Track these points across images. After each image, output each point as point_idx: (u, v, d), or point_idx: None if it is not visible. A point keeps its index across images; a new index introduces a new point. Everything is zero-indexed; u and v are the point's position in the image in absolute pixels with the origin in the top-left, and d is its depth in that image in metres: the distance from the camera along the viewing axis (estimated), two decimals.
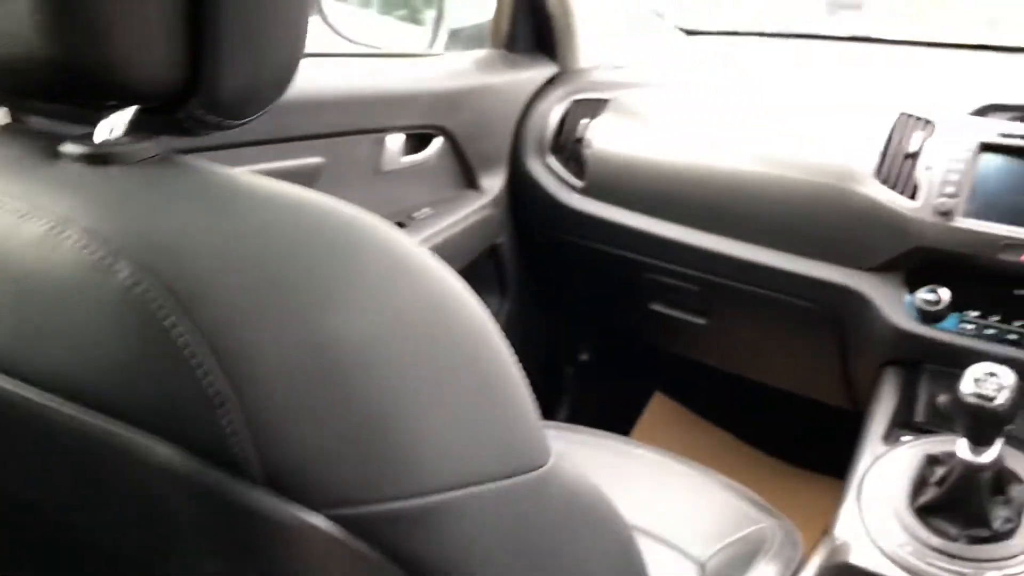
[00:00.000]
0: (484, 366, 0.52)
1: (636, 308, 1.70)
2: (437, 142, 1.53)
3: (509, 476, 0.51)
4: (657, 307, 1.65)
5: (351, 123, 1.35)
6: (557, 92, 1.69)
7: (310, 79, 1.26)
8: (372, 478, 0.45)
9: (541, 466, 0.55)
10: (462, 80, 1.58)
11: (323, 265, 0.46)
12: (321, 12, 1.59)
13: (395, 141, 1.45)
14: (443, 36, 1.73)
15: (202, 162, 0.52)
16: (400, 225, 1.48)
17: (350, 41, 1.62)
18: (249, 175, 0.51)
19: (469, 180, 1.63)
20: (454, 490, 0.47)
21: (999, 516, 1.08)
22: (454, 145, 1.57)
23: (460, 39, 1.78)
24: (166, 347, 0.41)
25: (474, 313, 0.53)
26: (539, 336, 1.93)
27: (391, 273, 0.49)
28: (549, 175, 1.65)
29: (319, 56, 1.36)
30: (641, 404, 2.16)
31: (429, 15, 1.83)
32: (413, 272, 0.50)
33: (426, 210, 1.53)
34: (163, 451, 0.42)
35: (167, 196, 0.48)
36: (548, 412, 1.98)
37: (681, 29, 1.93)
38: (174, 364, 0.41)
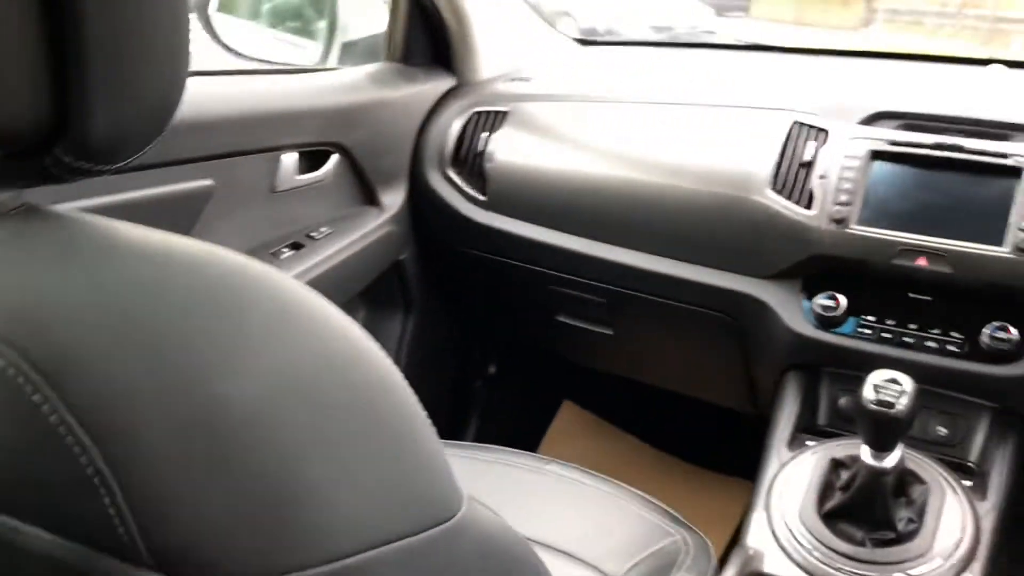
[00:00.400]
0: (387, 418, 0.50)
1: (543, 320, 1.69)
2: (334, 159, 1.49)
3: (420, 531, 0.49)
4: (564, 318, 1.65)
5: (242, 143, 1.30)
6: (456, 105, 1.67)
7: (197, 98, 1.20)
8: (272, 550, 0.42)
9: (453, 515, 0.52)
10: (358, 95, 1.54)
11: (207, 325, 0.43)
12: (209, 27, 1.53)
13: (290, 159, 1.40)
14: (336, 49, 1.69)
15: (71, 212, 0.48)
16: (298, 245, 1.44)
17: (239, 56, 1.56)
18: (125, 225, 0.47)
19: (369, 196, 1.60)
20: (362, 553, 0.44)
21: (903, 517, 1.11)
22: (352, 161, 1.53)
23: (354, 52, 1.75)
24: (39, 429, 0.38)
25: (375, 363, 0.50)
26: (447, 351, 1.91)
27: (283, 328, 0.46)
28: (451, 189, 1.63)
29: (206, 74, 1.31)
30: (551, 414, 2.16)
31: (321, 27, 1.79)
32: (308, 325, 0.47)
33: (325, 229, 1.49)
34: (47, 540, 0.39)
35: (30, 255, 0.44)
36: (458, 427, 1.96)
37: (575, 39, 1.93)
38: (49, 447, 0.38)
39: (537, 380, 2.15)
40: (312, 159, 1.46)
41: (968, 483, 1.19)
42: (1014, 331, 1.22)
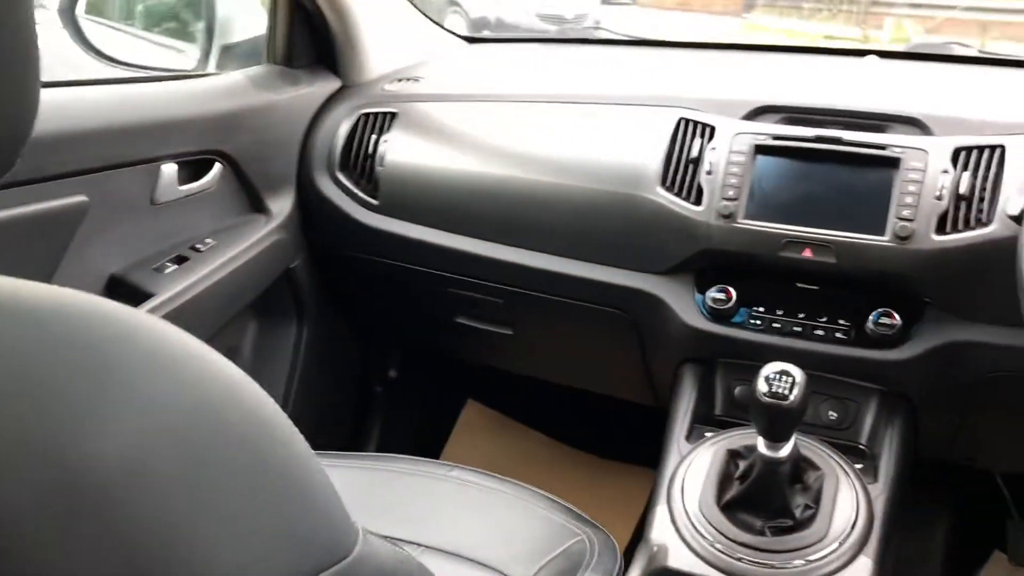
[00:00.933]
0: (270, 460, 0.48)
1: (442, 322, 1.68)
2: (217, 167, 1.44)
3: (314, 574, 0.47)
4: (463, 320, 1.64)
5: (118, 155, 1.24)
6: (343, 107, 1.64)
7: (65, 109, 1.14)
8: None
9: (348, 553, 0.50)
10: (239, 100, 1.49)
11: (64, 385, 0.40)
12: (76, 31, 1.46)
13: (170, 170, 1.35)
14: (216, 52, 1.63)
15: None
16: (182, 259, 1.39)
17: (111, 62, 1.50)
18: None
19: (256, 204, 1.55)
20: None
21: (799, 504, 1.14)
22: (236, 169, 1.48)
23: (235, 55, 1.69)
24: None
25: (254, 402, 0.48)
26: (345, 358, 1.87)
27: (150, 377, 0.43)
28: (341, 193, 1.60)
29: (74, 84, 1.24)
30: (455, 414, 2.15)
31: (199, 29, 1.72)
32: (177, 370, 0.45)
33: (210, 240, 1.44)
34: None
35: None
36: (361, 435, 1.93)
37: (463, 37, 1.92)
38: None
39: (440, 381, 2.13)
40: (194, 168, 1.41)
41: (859, 466, 1.23)
42: (897, 317, 1.26)
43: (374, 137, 1.58)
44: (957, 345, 1.25)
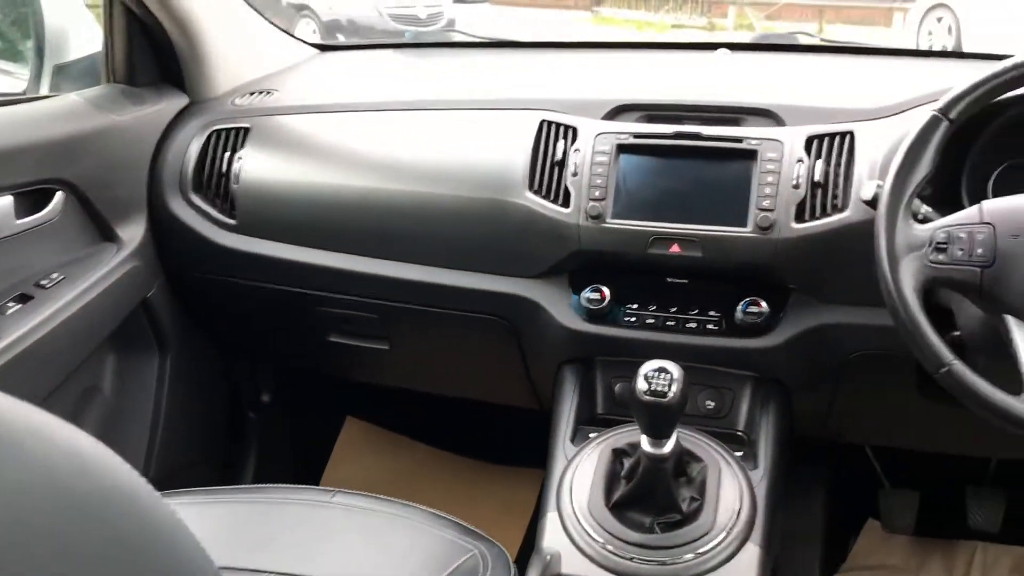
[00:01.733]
0: (131, 538, 0.43)
1: (314, 341, 1.62)
2: (59, 197, 1.35)
3: None
4: (336, 338, 1.59)
5: None
6: (192, 124, 1.56)
7: None
8: None
9: None
10: (78, 123, 1.40)
11: None
12: None
13: (5, 202, 1.25)
14: (48, 73, 1.52)
15: None
16: (26, 297, 1.29)
17: None
18: None
19: (104, 233, 1.46)
20: None
21: (685, 497, 1.15)
22: (80, 197, 1.39)
23: (70, 76, 1.58)
24: None
25: (110, 474, 0.44)
26: (213, 386, 1.79)
27: None
28: (196, 215, 1.52)
29: None
30: (335, 432, 2.09)
31: (28, 48, 1.61)
32: (17, 450, 0.40)
33: (56, 275, 1.34)
34: None
35: None
36: (235, 464, 1.85)
37: (315, 45, 1.86)
38: None
39: (316, 401, 2.07)
40: (33, 199, 1.32)
41: (739, 453, 1.26)
42: (764, 305, 1.29)
43: (227, 154, 1.51)
44: (822, 328, 1.29)
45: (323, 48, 1.88)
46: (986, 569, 1.80)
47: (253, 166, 1.49)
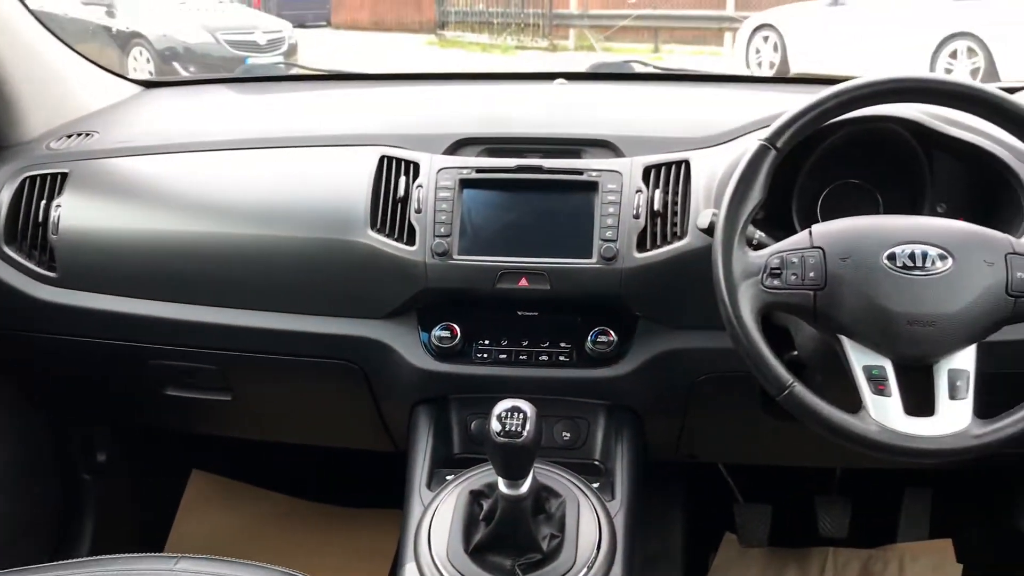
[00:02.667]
0: None
1: (149, 396, 1.52)
2: None
3: None
4: (174, 391, 1.50)
5: None
6: (2, 171, 1.44)
7: None
8: None
9: None
10: None
11: None
12: None
13: None
14: None
15: None
16: None
17: None
18: None
19: None
20: None
21: (545, 535, 1.13)
22: None
23: None
24: None
25: None
26: (40, 451, 1.66)
27: None
28: (10, 269, 1.41)
29: None
30: (180, 487, 1.98)
31: None
32: None
33: None
34: None
35: None
36: (69, 533, 1.71)
37: (139, 82, 1.76)
38: None
39: (160, 457, 1.95)
40: None
41: (596, 484, 1.25)
42: (613, 334, 1.29)
43: (43, 202, 1.41)
44: (670, 354, 1.31)
45: (148, 84, 1.78)
46: (837, 572, 1.87)
47: (73, 214, 1.40)
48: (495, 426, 1.04)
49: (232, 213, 1.36)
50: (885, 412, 1.01)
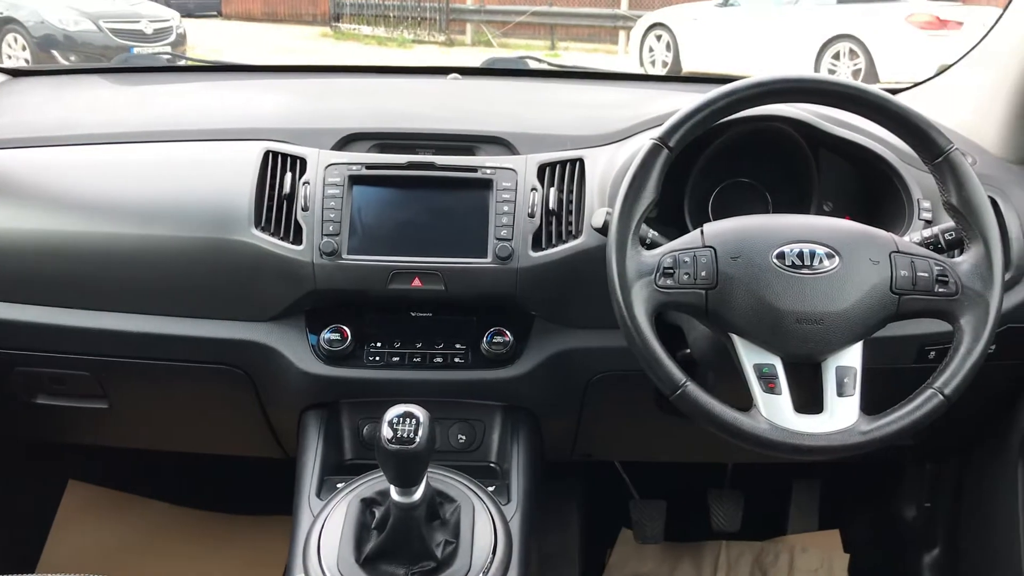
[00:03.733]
0: None
1: (18, 405, 1.43)
2: None
3: None
4: (45, 400, 1.41)
5: None
6: None
7: None
8: None
9: None
10: None
11: None
12: None
13: None
14: None
15: None
16: None
17: None
18: None
19: None
20: None
21: (439, 542, 1.10)
22: None
23: None
24: None
25: None
26: None
27: None
28: None
29: None
30: (56, 500, 1.87)
31: None
32: None
33: None
34: None
35: None
36: None
37: (5, 71, 1.65)
38: None
39: (29, 469, 1.83)
40: None
41: (492, 487, 1.23)
42: (509, 334, 1.27)
43: None
44: (565, 353, 1.30)
45: (15, 73, 1.67)
46: (731, 566, 1.90)
47: None
48: (386, 432, 1.01)
49: (105, 211, 1.29)
50: (775, 410, 1.02)
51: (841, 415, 1.02)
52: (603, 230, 1.12)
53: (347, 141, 1.33)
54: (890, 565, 1.85)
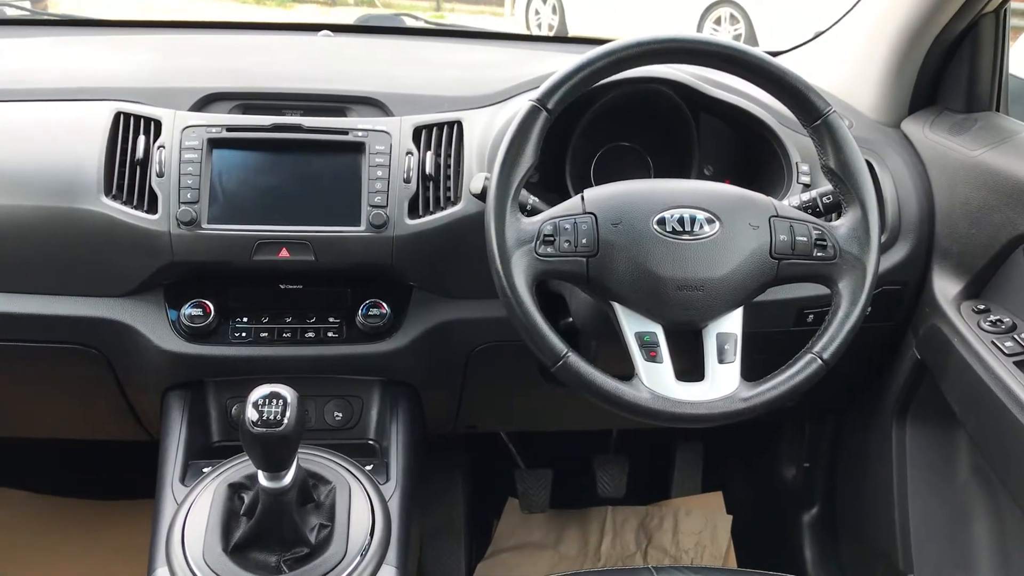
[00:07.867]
0: None
1: None
2: None
3: None
4: None
5: None
6: None
7: None
8: None
9: None
10: None
11: None
12: None
13: None
14: None
15: None
16: None
17: None
18: None
19: None
20: None
21: (313, 526, 1.04)
22: None
23: None
24: None
25: None
26: None
27: None
28: None
29: None
30: None
31: None
32: None
33: None
34: None
35: None
36: None
37: None
38: None
39: None
40: None
41: (370, 466, 1.18)
42: (386, 306, 1.22)
43: None
44: (444, 325, 1.25)
45: None
46: (616, 531, 1.90)
47: None
48: (251, 415, 0.94)
49: None
50: (657, 378, 1.00)
51: (722, 382, 1.01)
52: (481, 196, 1.07)
53: (207, 102, 1.24)
54: (771, 524, 1.89)
